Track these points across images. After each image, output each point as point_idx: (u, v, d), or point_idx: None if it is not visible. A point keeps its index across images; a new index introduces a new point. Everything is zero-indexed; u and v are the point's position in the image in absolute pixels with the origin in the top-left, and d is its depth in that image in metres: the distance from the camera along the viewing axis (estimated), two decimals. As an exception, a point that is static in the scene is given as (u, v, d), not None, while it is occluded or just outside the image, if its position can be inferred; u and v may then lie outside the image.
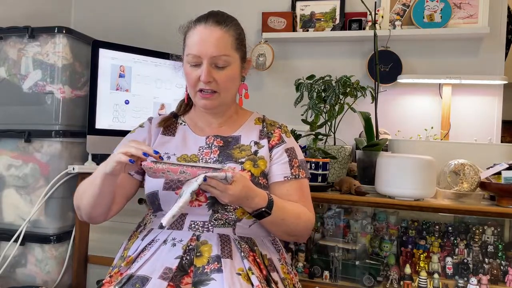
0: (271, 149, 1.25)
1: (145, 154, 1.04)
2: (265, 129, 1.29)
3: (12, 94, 1.85)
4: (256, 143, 1.25)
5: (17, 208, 1.83)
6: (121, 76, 1.91)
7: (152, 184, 1.18)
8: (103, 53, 1.86)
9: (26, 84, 1.83)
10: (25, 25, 1.84)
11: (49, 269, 1.81)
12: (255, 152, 1.23)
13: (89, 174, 1.79)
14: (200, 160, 1.20)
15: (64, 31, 1.81)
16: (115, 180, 1.13)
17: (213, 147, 1.23)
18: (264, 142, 1.26)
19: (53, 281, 1.81)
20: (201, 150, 1.22)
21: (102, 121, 1.87)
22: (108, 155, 1.94)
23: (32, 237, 1.79)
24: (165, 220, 0.97)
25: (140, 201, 1.76)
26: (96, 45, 1.86)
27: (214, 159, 1.20)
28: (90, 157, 1.87)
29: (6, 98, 1.86)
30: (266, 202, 1.12)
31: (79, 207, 1.19)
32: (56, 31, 1.80)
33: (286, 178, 1.23)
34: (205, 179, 0.99)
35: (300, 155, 1.29)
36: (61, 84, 1.80)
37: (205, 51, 1.16)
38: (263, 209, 1.11)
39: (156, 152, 1.05)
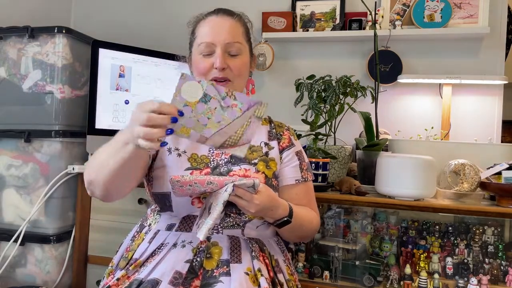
0: (281, 151, 1.26)
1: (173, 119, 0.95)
2: (273, 130, 1.29)
3: (12, 94, 1.85)
4: (266, 144, 1.25)
5: (17, 208, 1.83)
6: (121, 76, 1.91)
7: (163, 183, 1.14)
8: (103, 53, 1.86)
9: (26, 84, 1.83)
10: (25, 25, 1.84)
11: (49, 269, 1.81)
12: (266, 154, 1.23)
13: (89, 174, 1.81)
14: (212, 162, 1.18)
15: (64, 31, 1.81)
16: (146, 155, 1.04)
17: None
18: (273, 143, 1.26)
19: (53, 281, 1.81)
20: (211, 151, 1.20)
21: (102, 121, 1.87)
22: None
23: (32, 237, 1.79)
24: (201, 234, 0.96)
25: (140, 201, 1.76)
26: (96, 45, 1.85)
27: (226, 160, 1.19)
28: (90, 157, 1.87)
29: (6, 98, 1.86)
30: (288, 211, 1.13)
31: (93, 182, 1.08)
32: (56, 31, 1.80)
33: (297, 181, 1.25)
34: (233, 188, 0.99)
35: (306, 158, 1.31)
36: (61, 84, 1.80)
37: (219, 37, 1.16)
38: (286, 219, 1.12)
39: (181, 113, 0.96)
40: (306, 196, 1.27)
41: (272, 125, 1.30)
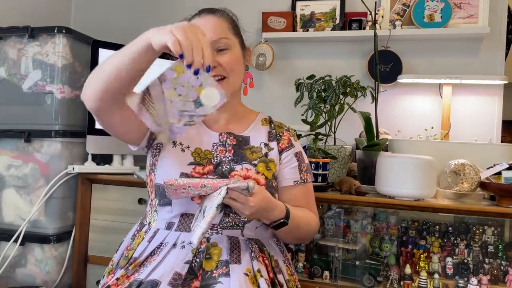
0: (280, 152, 1.25)
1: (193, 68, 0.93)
2: (273, 130, 1.28)
3: (12, 94, 1.85)
4: (265, 144, 1.25)
5: (17, 208, 1.83)
6: (121, 76, 1.90)
7: (166, 175, 1.13)
8: (103, 53, 1.86)
9: (26, 84, 1.83)
10: (25, 25, 1.84)
11: (49, 269, 1.81)
12: (266, 154, 1.23)
13: (89, 174, 1.81)
14: (215, 158, 1.18)
15: (64, 31, 1.80)
16: (154, 57, 0.99)
17: (227, 146, 1.21)
18: (273, 144, 1.26)
19: (53, 281, 1.81)
20: (215, 147, 1.20)
21: (102, 121, 1.86)
22: (108, 155, 1.95)
23: (32, 237, 1.79)
24: (195, 239, 0.95)
25: (140, 201, 1.76)
26: (96, 45, 1.85)
27: (229, 158, 1.19)
28: (90, 157, 1.87)
29: (6, 98, 1.86)
30: (284, 213, 1.13)
31: (90, 83, 1.04)
32: (56, 31, 1.80)
33: (296, 183, 1.25)
34: (226, 191, 0.98)
35: (306, 159, 1.31)
36: (61, 84, 1.80)
37: None
38: (282, 220, 1.12)
39: (209, 69, 0.94)
40: (305, 197, 1.27)
41: (272, 125, 1.30)
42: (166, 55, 1.98)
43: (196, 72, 0.94)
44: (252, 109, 1.34)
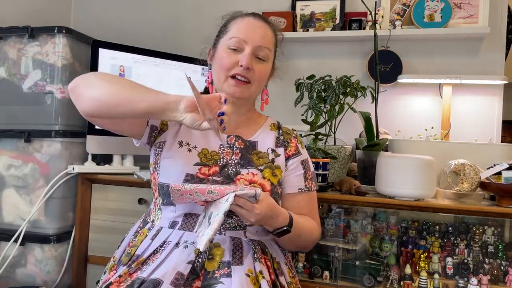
0: (287, 159, 1.26)
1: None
2: (281, 137, 1.28)
3: (12, 94, 1.85)
4: (273, 150, 1.25)
5: (17, 208, 1.83)
6: (121, 76, 1.90)
7: (170, 175, 1.14)
8: (103, 53, 1.86)
9: (26, 84, 1.83)
10: (25, 25, 1.84)
11: (49, 269, 1.81)
12: (272, 160, 1.23)
13: (89, 174, 1.81)
14: (221, 160, 1.18)
15: (64, 31, 1.81)
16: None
17: (235, 149, 1.21)
18: (280, 150, 1.26)
19: (53, 281, 1.81)
20: (222, 148, 1.20)
21: (102, 121, 1.86)
22: (108, 155, 1.95)
23: (32, 237, 1.79)
24: (202, 245, 0.95)
25: (140, 201, 1.76)
26: (96, 45, 1.85)
27: (236, 161, 1.19)
28: (90, 157, 1.87)
29: (6, 98, 1.86)
30: (288, 220, 1.13)
31: (95, 88, 1.06)
32: (56, 31, 1.80)
33: (300, 190, 1.25)
34: (234, 198, 0.98)
35: (312, 167, 1.31)
36: (61, 84, 1.80)
37: (253, 38, 1.18)
38: (285, 228, 1.12)
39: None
40: (308, 205, 1.27)
41: (280, 131, 1.30)
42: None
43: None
44: (261, 114, 1.34)
